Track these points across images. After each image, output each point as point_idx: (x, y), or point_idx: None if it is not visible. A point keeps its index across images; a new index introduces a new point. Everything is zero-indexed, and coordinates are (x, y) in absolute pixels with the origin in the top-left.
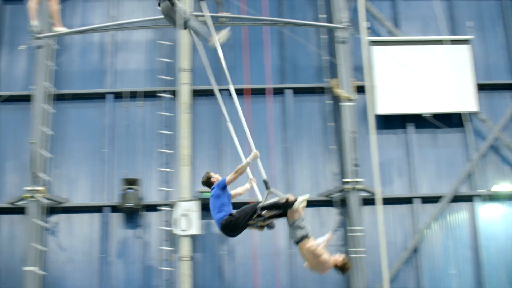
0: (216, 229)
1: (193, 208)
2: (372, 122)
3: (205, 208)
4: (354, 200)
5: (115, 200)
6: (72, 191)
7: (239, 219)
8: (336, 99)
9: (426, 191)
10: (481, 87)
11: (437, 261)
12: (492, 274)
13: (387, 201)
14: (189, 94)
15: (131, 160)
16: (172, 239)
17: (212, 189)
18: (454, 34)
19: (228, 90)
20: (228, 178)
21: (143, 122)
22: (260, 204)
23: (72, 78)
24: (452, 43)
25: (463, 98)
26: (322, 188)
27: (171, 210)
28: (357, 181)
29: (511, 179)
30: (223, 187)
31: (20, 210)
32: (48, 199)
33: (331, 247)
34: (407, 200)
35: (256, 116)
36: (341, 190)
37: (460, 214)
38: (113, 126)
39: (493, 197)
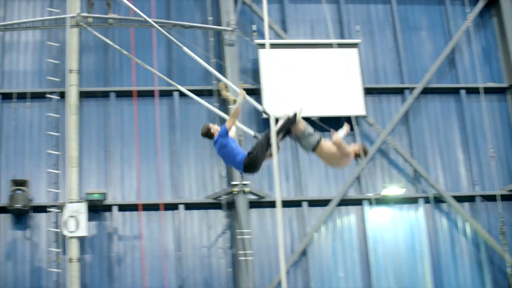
0: (105, 229)
1: (81, 209)
2: (272, 125)
3: (92, 209)
4: (241, 203)
5: (3, 201)
6: None
7: (258, 153)
8: (224, 102)
9: (314, 195)
10: (369, 91)
11: (325, 264)
12: (380, 277)
13: (275, 204)
14: (77, 96)
15: (19, 161)
16: (61, 241)
17: (215, 142)
18: (342, 38)
19: (115, 92)
20: (227, 124)
21: (31, 123)
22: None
23: None
24: (340, 47)
25: (351, 102)
26: (210, 190)
27: (60, 212)
28: (244, 184)
29: (399, 183)
30: (226, 134)
31: None
32: None
33: (219, 250)
34: (295, 203)
35: (145, 118)
36: (229, 193)
37: (348, 218)
38: (1, 127)
39: (381, 201)
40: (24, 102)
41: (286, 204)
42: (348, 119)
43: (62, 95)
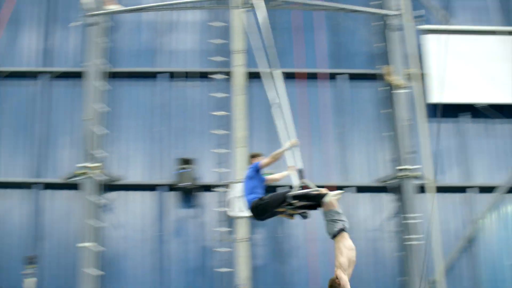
0: None
1: None
2: (422, 111)
3: None
4: (409, 187)
5: (170, 179)
6: (127, 168)
7: (268, 204)
8: (389, 86)
9: (481, 181)
10: None
11: (493, 251)
12: None
13: (442, 189)
14: (243, 76)
15: (185, 140)
16: (229, 220)
17: (249, 169)
18: (508, 25)
19: (283, 73)
20: (263, 162)
21: (195, 102)
22: (290, 193)
23: (126, 56)
24: (506, 34)
25: None
26: (377, 174)
27: (227, 191)
28: (412, 169)
29: None
30: (257, 169)
31: (75, 186)
32: (103, 175)
33: (389, 233)
34: (462, 189)
35: (310, 100)
36: (396, 177)
37: None
38: (165, 106)
39: None
40: (189, 82)
41: (453, 189)
42: None
43: (228, 74)
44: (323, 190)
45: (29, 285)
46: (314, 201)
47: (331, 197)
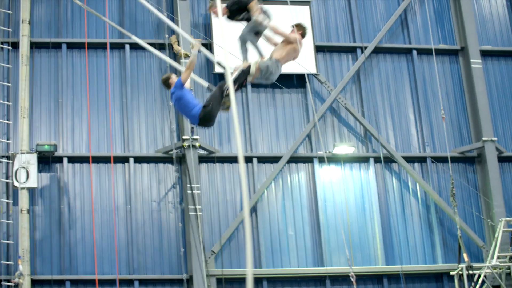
0: (55, 181)
1: (32, 160)
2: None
3: (43, 161)
4: (191, 157)
5: None
6: None
7: (213, 106)
8: (175, 56)
9: (264, 151)
10: (321, 49)
11: (275, 221)
12: (330, 236)
13: (225, 159)
14: (28, 46)
15: None
16: (12, 191)
17: (172, 94)
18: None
19: (66, 43)
20: (183, 76)
21: None
22: (226, 84)
23: None
24: (292, 4)
25: (302, 59)
26: (160, 144)
27: (10, 162)
28: (194, 139)
29: (350, 142)
30: (181, 86)
31: None
32: None
33: (169, 204)
34: (245, 160)
35: (96, 70)
36: (179, 147)
37: (299, 175)
38: None
39: (331, 159)
40: None
41: (236, 160)
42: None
43: (13, 45)
44: (244, 65)
45: None
46: (244, 79)
47: (254, 66)
